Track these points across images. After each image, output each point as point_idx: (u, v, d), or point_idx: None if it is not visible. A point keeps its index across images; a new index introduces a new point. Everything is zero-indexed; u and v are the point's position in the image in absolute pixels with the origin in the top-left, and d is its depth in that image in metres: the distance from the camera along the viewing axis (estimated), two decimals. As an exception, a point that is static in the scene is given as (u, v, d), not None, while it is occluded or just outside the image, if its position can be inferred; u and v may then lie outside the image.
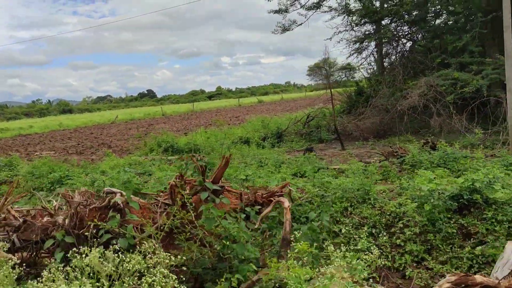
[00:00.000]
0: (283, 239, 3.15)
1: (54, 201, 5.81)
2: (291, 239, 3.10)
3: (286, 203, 3.38)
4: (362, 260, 3.25)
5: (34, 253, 3.39)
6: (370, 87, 19.38)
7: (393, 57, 19.77)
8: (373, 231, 6.15)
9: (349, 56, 21.21)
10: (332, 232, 6.01)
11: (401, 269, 5.66)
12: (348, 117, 18.93)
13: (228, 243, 3.06)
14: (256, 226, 3.31)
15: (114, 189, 3.95)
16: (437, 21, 17.60)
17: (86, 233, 3.21)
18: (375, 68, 22.54)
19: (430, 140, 11.98)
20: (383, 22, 20.47)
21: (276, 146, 16.67)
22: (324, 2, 21.81)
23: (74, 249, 2.97)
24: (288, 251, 3.02)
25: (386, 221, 6.26)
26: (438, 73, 15.50)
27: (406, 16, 18.01)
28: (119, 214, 3.29)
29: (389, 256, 5.78)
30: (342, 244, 3.94)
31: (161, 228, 3.06)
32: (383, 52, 22.21)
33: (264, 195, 3.94)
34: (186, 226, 3.22)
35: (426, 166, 9.85)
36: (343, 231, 5.84)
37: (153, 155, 16.35)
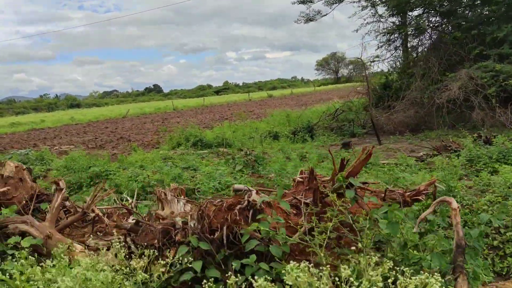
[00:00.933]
0: (457, 246, 2.70)
1: (129, 199, 5.39)
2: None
3: (454, 203, 2.92)
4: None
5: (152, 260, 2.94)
6: (399, 80, 18.82)
7: (421, 48, 19.22)
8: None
9: (377, 49, 20.61)
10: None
11: (503, 273, 5.20)
12: (377, 111, 18.38)
13: (414, 252, 2.62)
14: (414, 231, 2.86)
15: (242, 186, 3.50)
16: (472, 12, 17.02)
17: (218, 238, 2.76)
18: (401, 61, 21.99)
19: (482, 134, 11.46)
20: (411, 14, 19.96)
21: (308, 141, 16.18)
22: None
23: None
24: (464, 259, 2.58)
25: (478, 220, 5.78)
26: (477, 64, 14.96)
27: (438, 7, 17.46)
28: (261, 216, 2.84)
29: (488, 259, 5.31)
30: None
31: (322, 232, 2.60)
32: (408, 44, 21.69)
33: (410, 194, 3.48)
34: (339, 231, 2.76)
35: (484, 161, 9.38)
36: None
37: (181, 149, 15.92)
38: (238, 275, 2.47)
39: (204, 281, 2.46)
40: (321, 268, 2.27)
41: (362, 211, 2.91)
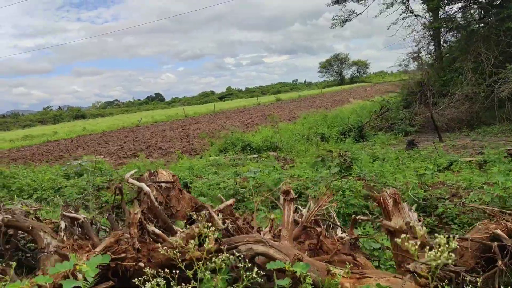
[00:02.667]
0: None
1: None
2: None
3: None
4: None
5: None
6: (443, 76, 18.23)
7: (462, 42, 18.64)
8: None
9: (417, 45, 20.06)
10: None
11: None
12: (418, 108, 17.75)
13: None
14: None
15: None
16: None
17: None
18: (436, 57, 21.47)
19: None
20: (449, 8, 19.49)
21: (360, 141, 15.58)
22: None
23: None
24: None
25: None
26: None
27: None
28: None
29: None
30: None
31: None
32: (443, 39, 21.18)
33: None
34: None
35: None
36: None
37: (230, 155, 15.29)
38: None
39: None
40: None
41: None
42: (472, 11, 16.64)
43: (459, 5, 18.64)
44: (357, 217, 4.31)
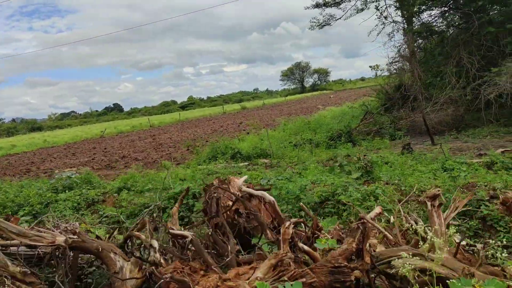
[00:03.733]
0: None
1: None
2: None
3: None
4: None
5: None
6: (425, 80, 18.41)
7: (441, 47, 18.92)
8: None
9: (398, 51, 20.23)
10: None
11: None
12: (406, 112, 17.83)
13: None
14: None
15: None
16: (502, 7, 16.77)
17: None
18: (407, 63, 21.76)
19: None
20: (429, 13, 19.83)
21: (350, 146, 15.40)
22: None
23: None
24: None
25: None
26: (521, 58, 14.74)
27: (462, 5, 17.20)
28: None
29: None
30: None
31: None
32: (421, 44, 21.52)
33: None
34: None
35: None
36: None
37: (220, 163, 14.74)
38: None
39: None
40: None
41: None
42: (452, 17, 16.89)
43: (438, 11, 18.98)
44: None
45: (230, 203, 3.75)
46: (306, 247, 2.68)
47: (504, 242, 4.20)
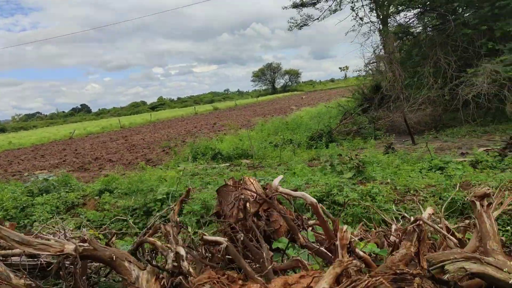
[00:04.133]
0: None
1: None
2: None
3: None
4: None
5: None
6: (403, 81, 18.58)
7: (417, 49, 19.15)
8: None
9: (374, 51, 20.37)
10: None
11: None
12: (384, 112, 17.93)
13: None
14: None
15: None
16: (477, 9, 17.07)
17: None
18: (384, 64, 21.99)
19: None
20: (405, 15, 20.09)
21: (330, 146, 15.36)
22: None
23: None
24: None
25: None
26: (497, 59, 15.03)
27: (439, 6, 17.42)
28: None
29: None
30: None
31: None
32: (396, 45, 21.73)
33: None
34: None
35: None
36: None
37: (200, 164, 14.43)
38: None
39: None
40: None
41: None
42: (429, 18, 17.09)
43: (415, 11, 19.22)
44: None
45: (247, 204, 3.52)
46: (361, 253, 2.48)
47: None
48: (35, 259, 3.14)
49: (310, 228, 3.51)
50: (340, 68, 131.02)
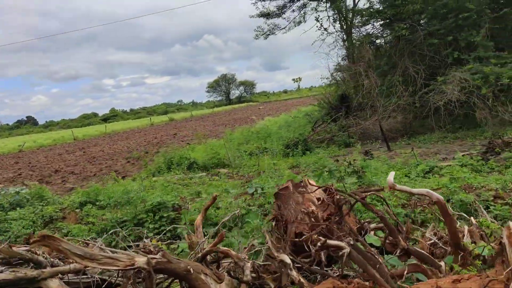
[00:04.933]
0: None
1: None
2: None
3: None
4: None
5: None
6: (371, 90, 18.90)
7: (385, 58, 19.57)
8: None
9: (343, 59, 20.65)
10: None
11: None
12: (356, 120, 18.09)
13: None
14: None
15: None
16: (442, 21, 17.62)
17: None
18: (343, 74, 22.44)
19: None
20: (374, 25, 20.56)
21: (306, 154, 15.31)
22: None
23: None
24: None
25: None
26: (463, 67, 15.57)
27: (407, 18, 17.87)
28: None
29: None
30: None
31: None
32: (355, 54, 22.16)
33: None
34: None
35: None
36: None
37: (176, 174, 13.95)
38: None
39: None
40: None
41: None
42: (397, 28, 17.48)
43: (381, 22, 19.69)
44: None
45: (313, 207, 3.24)
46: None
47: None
48: (86, 276, 2.70)
49: (373, 232, 3.30)
50: (293, 79, 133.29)
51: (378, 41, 19.56)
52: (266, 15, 22.39)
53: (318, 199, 3.33)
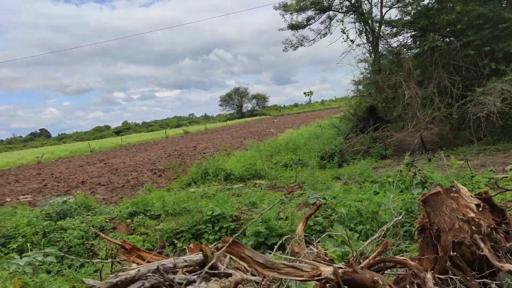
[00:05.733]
0: None
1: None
2: None
3: None
4: None
5: None
6: (400, 102, 18.61)
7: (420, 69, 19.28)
8: None
9: (370, 72, 20.44)
10: None
11: None
12: (382, 132, 17.76)
13: None
14: None
15: None
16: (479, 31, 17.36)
17: None
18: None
19: None
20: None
21: (343, 166, 15.04)
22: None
23: None
24: None
25: None
26: (504, 78, 15.26)
27: (442, 28, 17.62)
28: None
29: None
30: None
31: None
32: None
33: None
34: None
35: None
36: None
37: (213, 185, 13.71)
38: None
39: None
40: None
41: None
42: (432, 39, 17.23)
43: (411, 33, 19.49)
44: None
45: (472, 214, 2.97)
46: None
47: None
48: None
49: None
50: (304, 93, 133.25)
51: (409, 51, 19.28)
52: (296, 27, 22.34)
53: (477, 205, 3.05)
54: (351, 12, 23.51)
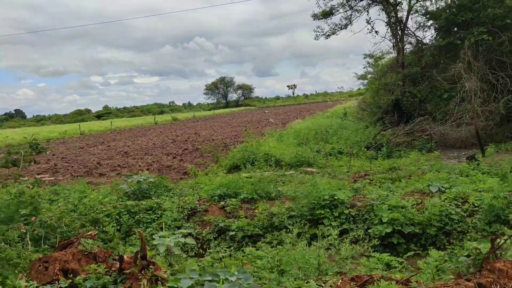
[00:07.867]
0: None
1: None
2: None
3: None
4: None
5: None
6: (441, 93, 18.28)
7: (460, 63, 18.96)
8: None
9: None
10: None
11: None
12: (429, 125, 17.27)
13: None
14: None
15: None
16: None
17: None
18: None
19: None
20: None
21: (390, 157, 14.62)
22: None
23: None
24: None
25: None
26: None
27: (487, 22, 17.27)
28: None
29: None
30: None
31: None
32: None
33: None
34: None
35: None
36: None
37: (265, 170, 13.02)
38: None
39: None
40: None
41: None
42: (476, 33, 16.87)
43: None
44: None
45: None
46: None
47: None
48: None
49: None
50: (288, 86, 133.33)
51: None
52: (329, 14, 21.69)
53: None
54: (378, 2, 23.05)
